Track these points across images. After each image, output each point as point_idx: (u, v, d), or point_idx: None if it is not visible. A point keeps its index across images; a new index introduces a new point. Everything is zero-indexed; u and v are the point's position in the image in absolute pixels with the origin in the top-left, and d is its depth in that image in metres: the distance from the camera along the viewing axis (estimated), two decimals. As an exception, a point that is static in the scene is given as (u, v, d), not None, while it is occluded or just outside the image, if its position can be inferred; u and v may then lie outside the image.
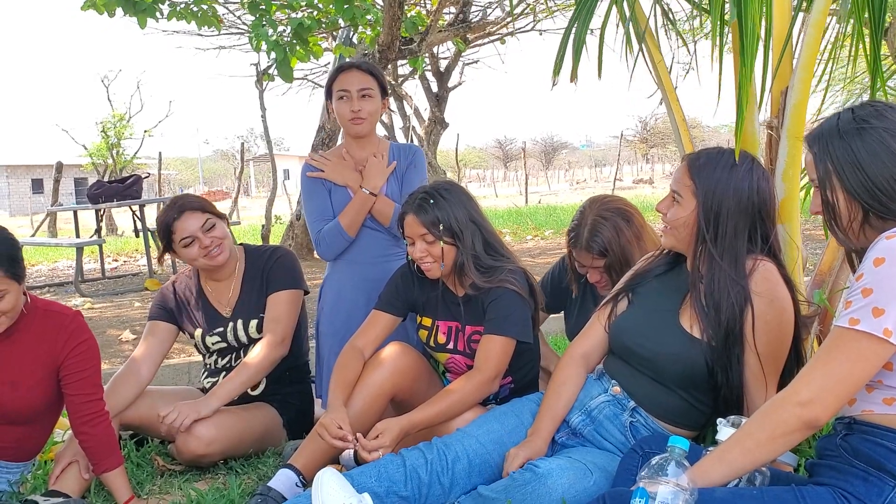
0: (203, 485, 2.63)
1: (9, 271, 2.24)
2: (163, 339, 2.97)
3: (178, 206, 2.88)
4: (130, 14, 6.25)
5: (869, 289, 1.54)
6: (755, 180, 2.09)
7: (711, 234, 2.06)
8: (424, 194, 2.54)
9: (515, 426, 2.28)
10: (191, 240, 2.84)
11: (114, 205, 8.81)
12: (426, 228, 2.49)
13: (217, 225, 2.89)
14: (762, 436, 1.61)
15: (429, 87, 14.60)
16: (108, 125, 21.00)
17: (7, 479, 2.55)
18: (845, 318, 1.56)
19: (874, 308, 1.52)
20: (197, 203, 2.91)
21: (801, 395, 1.57)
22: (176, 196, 3.02)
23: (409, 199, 2.58)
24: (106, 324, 6.21)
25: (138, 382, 2.81)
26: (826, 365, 1.57)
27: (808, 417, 1.56)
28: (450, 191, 2.56)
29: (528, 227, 13.27)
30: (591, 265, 2.68)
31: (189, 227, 2.84)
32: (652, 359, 2.16)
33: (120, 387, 2.77)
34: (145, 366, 2.85)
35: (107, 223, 17.00)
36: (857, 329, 1.53)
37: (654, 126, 55.04)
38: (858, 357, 1.54)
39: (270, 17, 6.81)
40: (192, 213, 2.85)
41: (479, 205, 2.63)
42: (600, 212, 2.66)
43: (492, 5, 11.93)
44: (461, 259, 2.51)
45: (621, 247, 2.59)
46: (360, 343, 2.61)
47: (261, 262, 2.99)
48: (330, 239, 3.08)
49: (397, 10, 6.74)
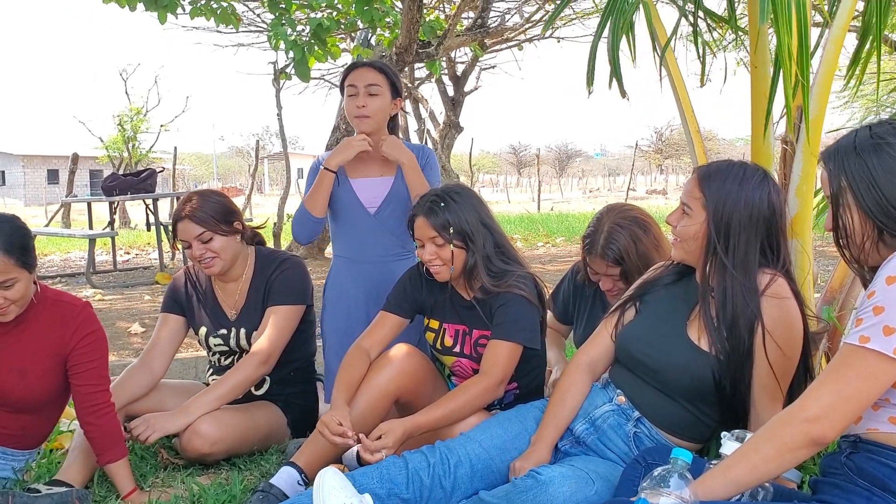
0: (206, 479, 2.64)
1: (20, 260, 2.26)
2: (174, 332, 2.98)
3: (186, 208, 2.83)
4: (151, 9, 6.30)
5: (881, 307, 1.52)
6: (766, 192, 2.07)
7: (723, 246, 2.05)
8: (435, 197, 2.53)
9: (519, 432, 2.28)
10: (187, 244, 2.84)
11: (127, 198, 8.87)
12: (436, 231, 2.49)
13: (214, 239, 2.82)
14: (769, 451, 1.60)
15: (445, 91, 14.63)
16: (125, 118, 21.10)
17: (12, 467, 2.56)
18: (855, 335, 1.55)
19: (885, 326, 1.51)
20: (201, 214, 2.80)
21: (809, 411, 1.56)
22: (194, 192, 2.95)
23: (420, 201, 2.58)
24: (115, 316, 6.25)
25: (151, 375, 2.85)
26: (835, 382, 1.56)
27: (816, 434, 1.55)
28: (461, 194, 2.55)
29: (539, 234, 13.25)
30: (605, 273, 2.67)
31: (185, 235, 2.83)
32: (658, 369, 2.15)
33: (132, 379, 2.80)
34: (157, 360, 2.89)
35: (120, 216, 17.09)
36: (867, 347, 1.52)
37: (669, 137, 54.87)
38: (868, 375, 1.52)
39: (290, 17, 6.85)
40: (190, 223, 2.80)
41: (489, 209, 2.62)
42: (617, 220, 2.64)
43: (510, 11, 11.94)
44: (471, 262, 2.51)
45: (638, 255, 2.58)
46: (367, 344, 2.61)
47: (268, 271, 2.94)
48: (298, 219, 3.06)
49: (416, 13, 6.76)
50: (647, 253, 2.58)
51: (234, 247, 2.88)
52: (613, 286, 2.67)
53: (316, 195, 3.00)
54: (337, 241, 3.17)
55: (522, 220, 16.15)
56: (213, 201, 2.86)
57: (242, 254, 2.95)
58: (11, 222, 2.30)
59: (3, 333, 2.41)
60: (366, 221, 3.07)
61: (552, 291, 3.07)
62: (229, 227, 2.86)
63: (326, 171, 2.97)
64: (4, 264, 2.23)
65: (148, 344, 2.97)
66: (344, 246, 3.15)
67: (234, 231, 2.88)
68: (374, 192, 3.07)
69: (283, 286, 2.91)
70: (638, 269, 2.54)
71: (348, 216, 3.08)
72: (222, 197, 2.93)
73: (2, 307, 2.30)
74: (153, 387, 2.85)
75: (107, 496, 2.49)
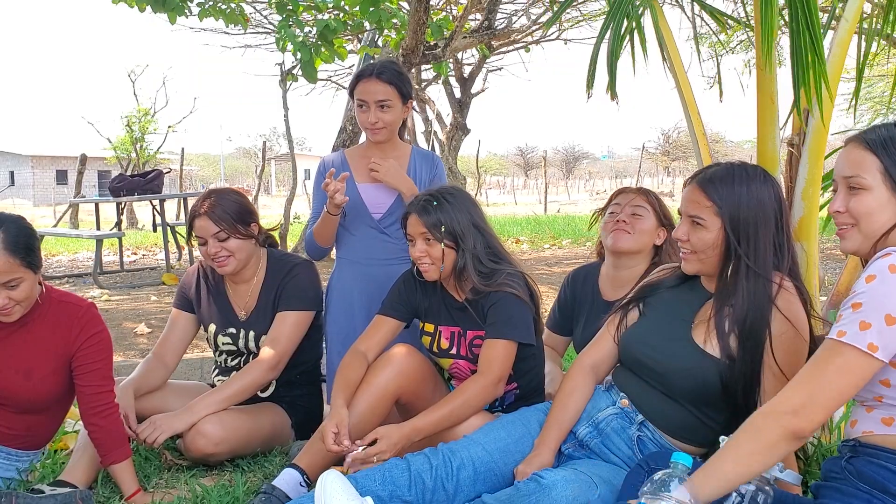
0: (209, 481, 2.64)
1: (24, 259, 2.26)
2: (185, 328, 3.04)
3: (205, 204, 2.83)
4: (160, 10, 6.33)
5: (859, 303, 1.57)
6: (771, 188, 2.07)
7: (744, 249, 2.02)
8: (429, 196, 2.56)
9: (522, 435, 2.27)
10: (203, 240, 2.85)
11: (134, 198, 8.90)
12: (427, 229, 2.52)
13: (231, 239, 2.83)
14: (752, 446, 1.62)
15: (452, 93, 14.63)
16: (133, 119, 21.17)
17: (16, 467, 2.57)
18: (834, 330, 1.59)
19: (861, 321, 1.56)
20: (220, 213, 2.81)
21: (787, 404, 1.60)
22: (214, 190, 2.96)
23: (414, 200, 2.61)
24: (122, 316, 6.26)
25: (165, 368, 2.96)
26: (812, 376, 1.60)
27: (794, 427, 1.58)
28: (454, 195, 2.58)
29: (546, 236, 13.24)
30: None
31: (202, 231, 2.83)
32: (662, 372, 2.14)
33: (148, 373, 2.89)
34: (170, 354, 2.99)
35: (127, 216, 17.16)
36: (843, 341, 1.56)
37: (676, 139, 54.76)
38: (844, 369, 1.56)
39: (297, 18, 6.87)
40: (208, 220, 2.81)
41: (482, 211, 2.64)
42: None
43: (517, 13, 11.93)
44: (461, 263, 2.53)
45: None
46: (363, 347, 2.62)
47: (280, 274, 2.95)
48: (308, 243, 3.14)
49: (423, 14, 6.75)
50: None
51: (248, 248, 2.90)
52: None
53: (322, 232, 3.05)
54: (341, 243, 3.17)
55: (529, 221, 16.15)
56: (232, 200, 2.87)
57: (255, 255, 2.96)
58: (17, 222, 2.31)
59: (9, 334, 2.42)
60: (371, 226, 3.08)
61: (551, 308, 3.08)
62: (246, 230, 2.86)
63: (327, 214, 2.98)
64: (9, 264, 2.23)
65: (160, 339, 3.04)
66: (348, 248, 3.15)
67: (250, 235, 2.88)
68: (381, 198, 3.08)
69: (295, 291, 2.91)
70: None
71: (353, 220, 3.09)
72: (241, 197, 2.94)
73: (6, 307, 2.30)
74: (168, 377, 2.96)
75: (111, 497, 2.50)
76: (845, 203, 1.72)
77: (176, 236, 9.49)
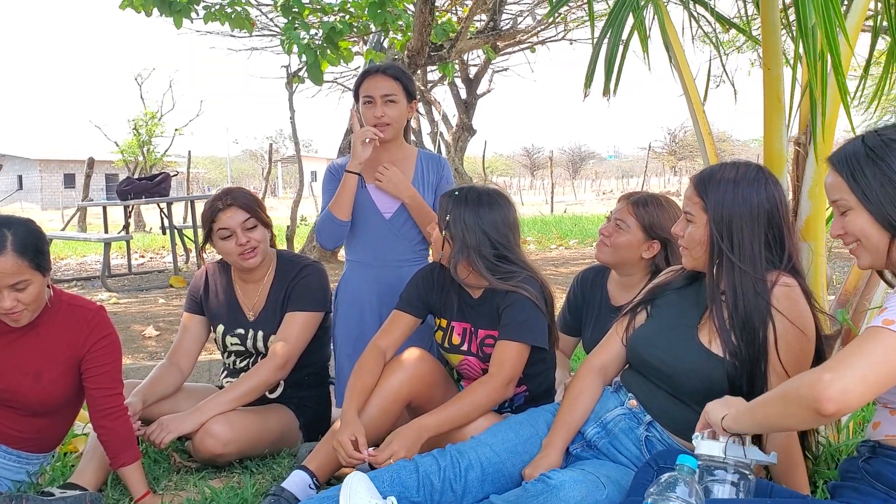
0: (218, 483, 2.65)
1: (33, 262, 2.27)
2: (197, 332, 3.05)
3: (227, 198, 2.85)
4: (166, 14, 6.36)
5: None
6: (762, 185, 2.06)
7: (727, 244, 2.04)
8: (462, 190, 2.61)
9: (530, 436, 2.27)
10: (229, 233, 2.84)
11: (142, 201, 8.94)
12: (439, 214, 2.60)
13: (258, 228, 2.87)
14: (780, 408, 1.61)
15: (457, 94, 14.65)
16: (140, 123, 21.21)
17: (26, 470, 2.58)
18: (879, 319, 1.54)
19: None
20: (245, 201, 2.86)
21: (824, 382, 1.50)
22: (230, 187, 2.98)
23: (456, 188, 2.67)
24: (130, 319, 6.28)
25: (180, 374, 2.97)
26: (859, 353, 1.51)
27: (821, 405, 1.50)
28: (480, 198, 2.56)
29: (552, 236, 13.23)
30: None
31: (231, 221, 2.83)
32: (669, 373, 2.14)
33: (162, 378, 2.89)
34: (184, 359, 3.00)
35: (135, 219, 17.20)
36: (892, 329, 1.51)
37: (682, 139, 54.60)
38: (890, 353, 1.50)
39: (303, 21, 6.89)
40: (238, 209, 2.83)
41: (506, 219, 2.58)
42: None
43: (522, 14, 11.94)
44: (454, 260, 2.53)
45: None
46: (383, 343, 2.62)
47: (289, 275, 2.95)
48: (323, 225, 3.07)
49: (428, 16, 6.77)
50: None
51: (267, 241, 2.93)
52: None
53: (340, 198, 3.01)
54: (351, 245, 3.18)
55: (536, 222, 16.13)
56: (248, 193, 2.95)
57: (267, 255, 2.97)
58: (26, 225, 2.31)
59: (19, 337, 2.43)
60: (381, 226, 3.09)
61: (560, 309, 3.07)
62: (268, 219, 2.93)
63: (350, 173, 2.99)
64: (18, 266, 2.24)
65: (174, 344, 3.05)
66: (358, 250, 3.16)
67: (270, 225, 2.95)
68: (391, 198, 3.08)
69: (304, 292, 2.92)
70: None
71: (363, 220, 3.10)
72: (252, 192, 3.01)
73: (15, 310, 2.30)
74: (183, 382, 2.96)
75: (120, 499, 2.51)
76: (841, 225, 1.72)
77: (183, 239, 9.51)
